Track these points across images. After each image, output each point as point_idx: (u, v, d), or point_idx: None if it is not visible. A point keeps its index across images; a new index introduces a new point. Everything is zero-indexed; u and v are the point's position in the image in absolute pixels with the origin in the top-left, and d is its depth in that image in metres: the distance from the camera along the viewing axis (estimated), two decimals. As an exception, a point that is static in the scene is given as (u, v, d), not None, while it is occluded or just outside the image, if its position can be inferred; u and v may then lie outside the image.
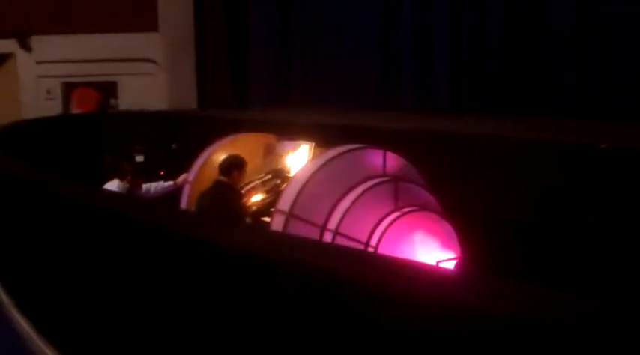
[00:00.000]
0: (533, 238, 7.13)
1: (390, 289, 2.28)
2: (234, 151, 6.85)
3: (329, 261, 2.72)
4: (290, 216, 5.78)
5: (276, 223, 5.87)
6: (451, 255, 5.94)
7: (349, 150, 6.03)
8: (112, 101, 14.59)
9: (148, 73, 14.37)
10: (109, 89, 14.56)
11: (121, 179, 7.38)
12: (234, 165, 6.46)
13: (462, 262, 5.96)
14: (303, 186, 5.83)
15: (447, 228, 5.98)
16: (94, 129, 12.73)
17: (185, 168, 7.87)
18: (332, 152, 6.02)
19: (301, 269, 2.68)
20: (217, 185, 6.47)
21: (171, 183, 7.78)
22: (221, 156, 6.85)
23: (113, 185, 7.29)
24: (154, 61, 14.37)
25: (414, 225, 5.85)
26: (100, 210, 4.32)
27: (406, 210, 5.86)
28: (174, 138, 12.50)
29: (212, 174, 6.78)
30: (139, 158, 12.07)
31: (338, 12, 13.28)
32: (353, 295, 2.41)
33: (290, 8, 13.98)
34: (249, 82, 14.35)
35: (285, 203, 5.86)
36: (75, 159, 10.78)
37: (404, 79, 12.70)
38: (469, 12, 11.87)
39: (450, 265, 5.92)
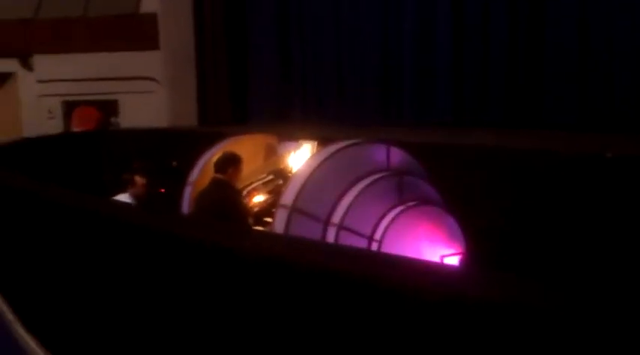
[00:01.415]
0: (538, 240, 7.09)
1: (393, 287, 2.26)
2: (235, 152, 6.80)
3: (332, 261, 2.70)
4: (293, 210, 5.72)
5: (279, 218, 5.81)
6: (455, 249, 5.86)
7: (352, 145, 5.99)
8: (113, 119, 14.60)
9: (148, 91, 14.39)
10: (109, 108, 14.58)
11: (125, 191, 7.47)
12: (229, 162, 6.41)
13: (466, 257, 5.89)
14: (306, 180, 5.78)
15: (451, 222, 5.92)
16: (95, 148, 12.69)
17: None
18: (335, 146, 5.98)
19: (305, 269, 2.64)
20: (214, 183, 6.41)
21: None
22: (223, 157, 6.80)
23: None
24: (154, 79, 14.40)
25: (419, 219, 5.79)
26: (103, 217, 4.27)
27: (410, 204, 5.80)
28: (175, 155, 12.45)
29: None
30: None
31: (339, 28, 13.32)
32: (357, 294, 2.38)
33: (290, 25, 14.04)
34: (249, 99, 14.36)
35: (288, 197, 5.80)
36: (75, 177, 10.74)
37: (405, 95, 12.71)
38: (471, 26, 11.91)
39: (454, 260, 5.84)
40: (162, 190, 11.24)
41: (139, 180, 7.78)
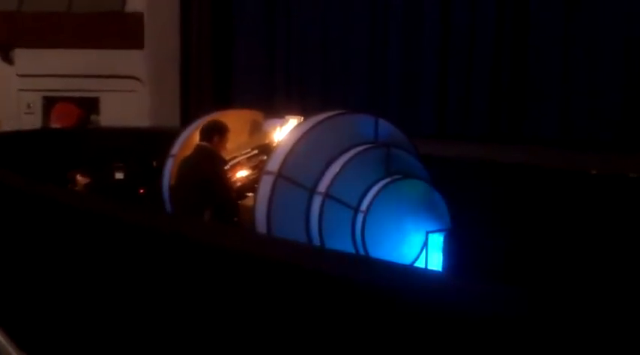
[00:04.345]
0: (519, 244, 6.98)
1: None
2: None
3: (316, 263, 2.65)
4: (279, 176, 5.60)
5: (264, 185, 5.69)
6: (441, 225, 5.77)
7: (341, 114, 5.91)
8: (93, 117, 14.42)
9: (131, 90, 14.26)
10: (90, 105, 14.40)
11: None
12: (214, 130, 6.29)
13: (451, 234, 5.79)
14: (293, 148, 5.68)
15: (438, 198, 5.83)
16: (73, 145, 12.50)
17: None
18: (323, 115, 5.90)
19: (289, 271, 2.59)
20: (199, 151, 6.29)
21: None
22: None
23: None
24: (137, 78, 14.28)
25: (405, 193, 5.70)
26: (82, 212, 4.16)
27: (397, 176, 5.72)
28: (155, 155, 12.27)
29: (196, 148, 6.59)
30: (119, 175, 11.81)
31: (325, 34, 13.31)
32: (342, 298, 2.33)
33: (276, 28, 14.01)
34: (233, 101, 14.24)
35: (273, 164, 5.69)
36: (50, 175, 10.55)
37: (390, 106, 12.68)
38: (456, 39, 11.94)
39: (439, 236, 5.75)
40: (142, 191, 11.03)
41: (80, 179, 7.57)
